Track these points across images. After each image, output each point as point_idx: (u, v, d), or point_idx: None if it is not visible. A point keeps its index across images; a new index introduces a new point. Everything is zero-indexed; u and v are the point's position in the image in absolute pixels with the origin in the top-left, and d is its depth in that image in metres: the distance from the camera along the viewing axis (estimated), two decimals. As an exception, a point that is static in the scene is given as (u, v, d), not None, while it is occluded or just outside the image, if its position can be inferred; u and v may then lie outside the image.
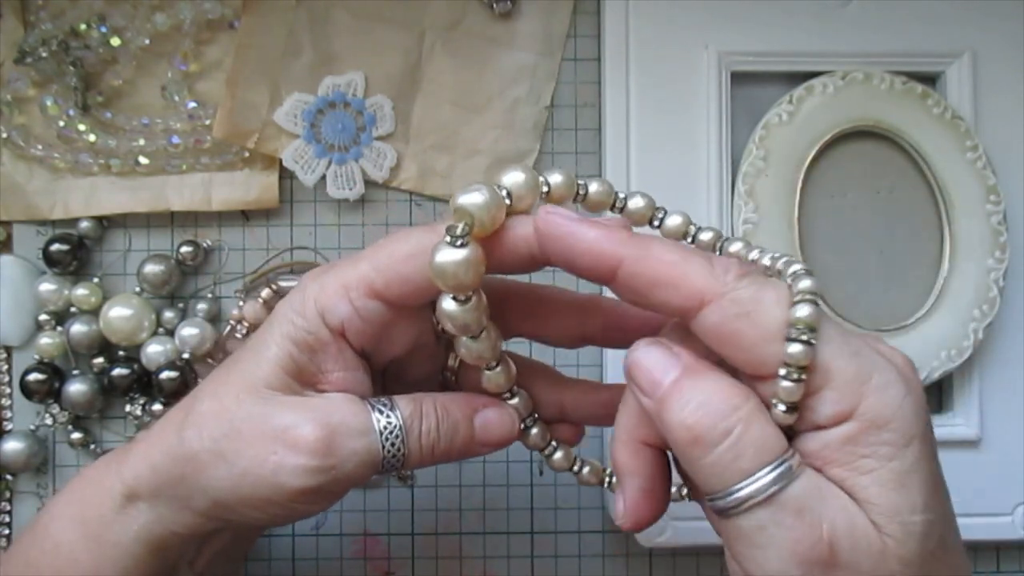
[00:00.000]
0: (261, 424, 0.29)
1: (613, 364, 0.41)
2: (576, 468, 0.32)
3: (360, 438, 0.28)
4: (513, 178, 0.27)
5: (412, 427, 0.29)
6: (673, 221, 0.29)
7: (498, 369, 0.29)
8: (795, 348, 0.24)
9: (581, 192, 0.29)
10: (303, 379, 0.29)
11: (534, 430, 0.31)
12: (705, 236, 0.29)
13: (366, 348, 0.30)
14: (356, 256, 0.30)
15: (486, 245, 0.27)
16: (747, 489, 0.24)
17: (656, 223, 0.29)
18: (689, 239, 0.29)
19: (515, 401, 0.31)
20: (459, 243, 0.26)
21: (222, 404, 0.29)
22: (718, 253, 0.29)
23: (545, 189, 0.28)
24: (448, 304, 0.27)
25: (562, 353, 0.41)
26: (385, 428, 0.29)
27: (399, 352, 0.31)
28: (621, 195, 0.29)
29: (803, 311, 0.24)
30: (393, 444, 0.29)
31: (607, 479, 0.32)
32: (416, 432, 0.29)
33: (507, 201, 0.27)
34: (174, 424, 0.30)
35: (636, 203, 0.29)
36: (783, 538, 0.24)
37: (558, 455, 0.32)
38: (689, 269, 0.25)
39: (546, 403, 0.32)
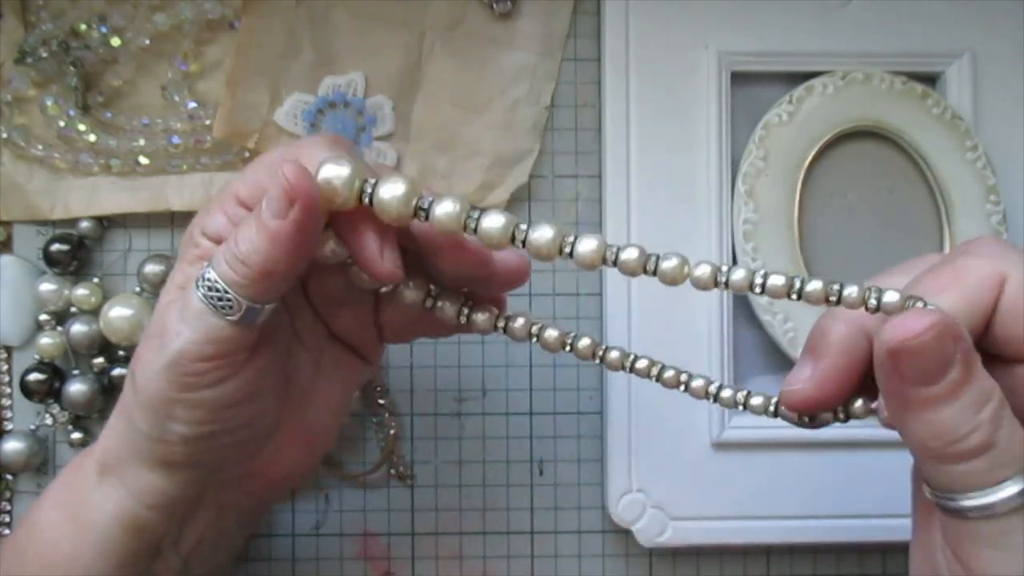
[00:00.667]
0: (146, 336, 0.29)
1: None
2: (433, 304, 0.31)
3: (189, 300, 0.28)
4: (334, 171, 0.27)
5: (222, 266, 0.28)
6: (669, 264, 0.28)
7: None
8: None
9: (567, 250, 0.28)
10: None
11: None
12: (738, 275, 0.27)
13: None
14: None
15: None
16: (998, 496, 0.23)
17: (652, 270, 0.28)
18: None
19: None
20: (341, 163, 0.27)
21: (148, 337, 0.30)
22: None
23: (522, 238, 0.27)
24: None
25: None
26: (205, 278, 0.28)
27: (320, 265, 0.30)
28: (612, 249, 0.28)
29: None
30: (216, 290, 0.28)
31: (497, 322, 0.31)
32: (230, 264, 0.28)
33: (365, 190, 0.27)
34: (128, 381, 0.31)
35: (629, 254, 0.28)
36: None
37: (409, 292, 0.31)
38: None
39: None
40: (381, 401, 0.42)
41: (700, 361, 0.40)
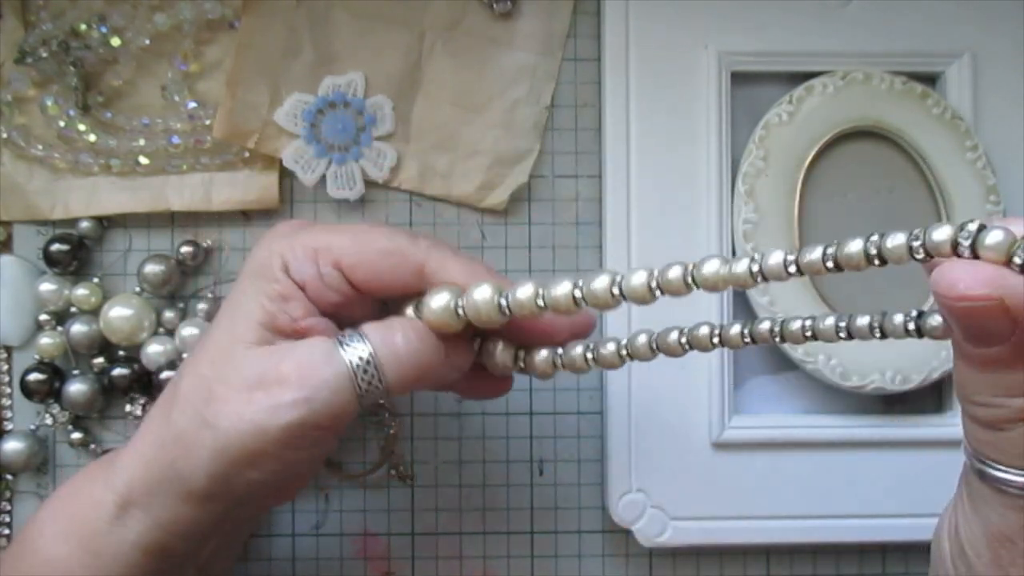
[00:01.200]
0: (235, 379, 0.29)
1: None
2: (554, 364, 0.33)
3: (327, 366, 0.29)
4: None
5: (382, 351, 0.29)
6: (674, 273, 0.28)
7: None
8: None
9: (616, 292, 0.29)
10: (277, 328, 0.30)
11: (499, 347, 0.32)
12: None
13: (328, 312, 0.31)
14: (331, 227, 0.31)
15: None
16: None
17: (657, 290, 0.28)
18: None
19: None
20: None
21: (199, 374, 0.30)
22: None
23: (540, 303, 0.29)
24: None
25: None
26: (355, 355, 0.29)
27: (367, 318, 0.31)
28: (617, 285, 0.29)
29: None
30: (366, 371, 0.29)
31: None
32: (387, 355, 0.29)
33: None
34: (162, 413, 0.30)
35: (638, 279, 0.29)
36: None
37: (535, 357, 0.33)
38: None
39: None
40: (381, 401, 0.42)
41: (700, 361, 0.40)
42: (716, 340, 0.30)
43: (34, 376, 0.41)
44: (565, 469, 0.42)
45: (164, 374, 0.40)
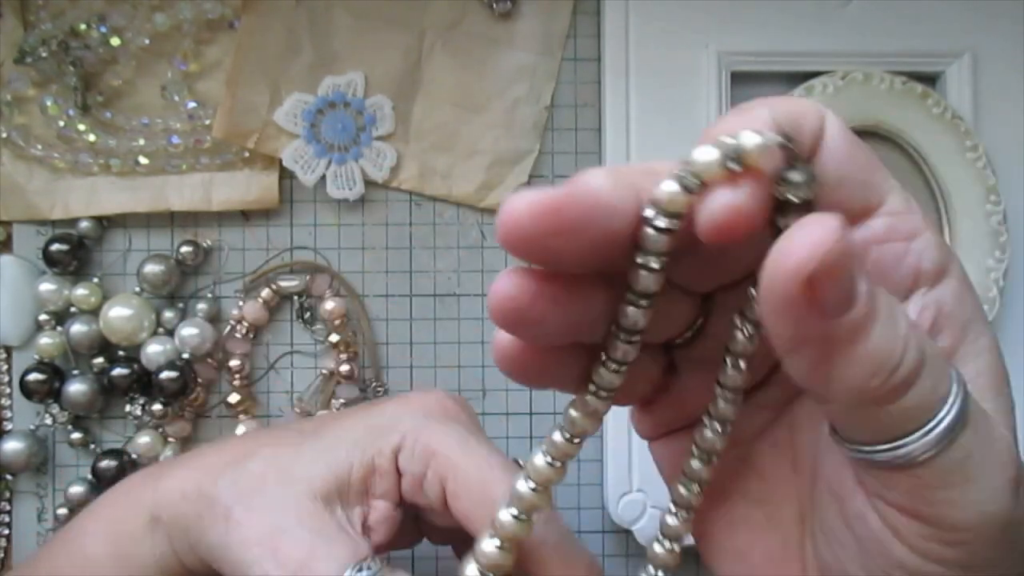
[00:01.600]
0: (265, 516, 0.29)
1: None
2: None
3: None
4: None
5: None
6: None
7: None
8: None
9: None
10: (348, 494, 0.30)
11: None
12: None
13: (407, 502, 0.31)
14: (464, 439, 0.30)
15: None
16: (951, 414, 0.18)
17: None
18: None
19: None
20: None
21: (262, 463, 0.30)
22: None
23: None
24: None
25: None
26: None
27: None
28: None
29: None
30: None
31: None
32: None
33: None
34: (224, 460, 0.31)
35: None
36: (993, 456, 0.19)
37: None
38: None
39: None
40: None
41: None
42: None
43: (34, 376, 0.40)
44: (565, 469, 0.42)
45: (164, 374, 0.40)
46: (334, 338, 0.42)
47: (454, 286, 0.43)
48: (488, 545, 0.23)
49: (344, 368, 0.42)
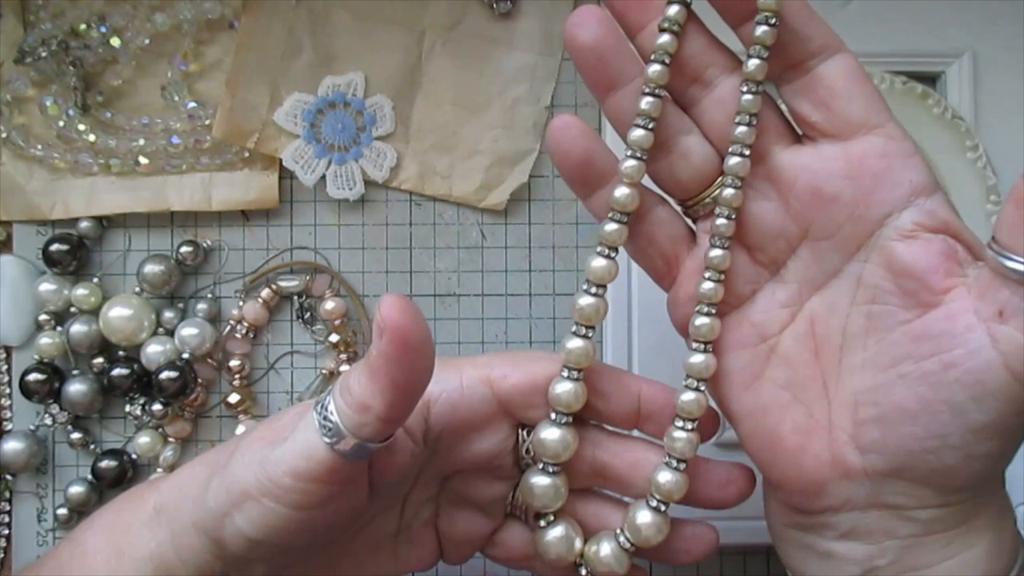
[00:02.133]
0: (260, 430, 0.29)
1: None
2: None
3: (301, 422, 0.27)
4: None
5: (340, 402, 0.27)
6: None
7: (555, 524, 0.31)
8: None
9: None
10: None
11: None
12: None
13: (446, 436, 0.30)
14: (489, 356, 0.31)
15: None
16: None
17: None
18: None
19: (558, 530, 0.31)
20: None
21: (263, 432, 0.29)
22: None
23: None
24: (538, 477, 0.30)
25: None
26: (323, 413, 0.27)
27: (473, 457, 0.31)
28: None
29: None
30: (328, 421, 0.27)
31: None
32: (344, 404, 0.27)
33: None
34: (231, 449, 0.30)
35: None
36: None
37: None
38: None
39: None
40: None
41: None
42: None
43: (34, 376, 0.40)
44: (565, 469, 0.42)
45: (164, 374, 0.40)
46: (334, 338, 0.42)
47: (454, 286, 0.43)
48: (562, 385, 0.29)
49: (344, 368, 0.42)
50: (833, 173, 0.27)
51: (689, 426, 0.29)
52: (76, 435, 0.41)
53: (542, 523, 0.31)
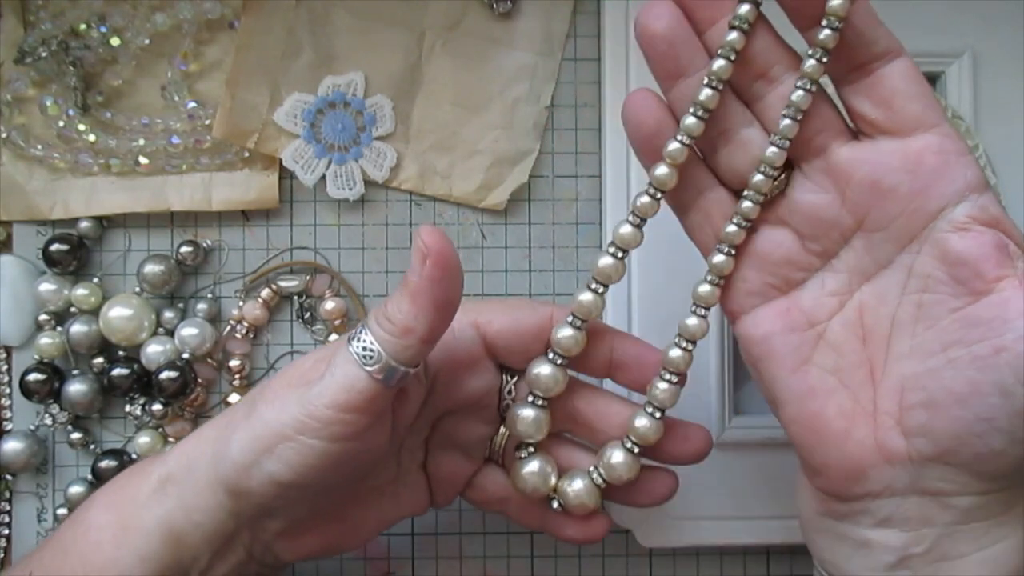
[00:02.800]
0: (284, 378, 0.31)
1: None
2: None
3: (337, 357, 0.30)
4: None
5: (377, 331, 0.30)
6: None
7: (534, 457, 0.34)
8: None
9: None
10: None
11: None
12: None
13: (441, 376, 0.33)
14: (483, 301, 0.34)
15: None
16: None
17: None
18: None
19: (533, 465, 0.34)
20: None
21: (286, 377, 0.31)
22: None
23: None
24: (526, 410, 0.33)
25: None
26: (360, 345, 0.29)
27: (463, 397, 0.34)
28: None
29: None
30: (368, 351, 0.29)
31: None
32: (384, 332, 0.30)
33: None
34: (227, 420, 0.31)
35: None
36: None
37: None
38: None
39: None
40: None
41: (700, 361, 0.40)
42: None
43: (34, 376, 0.40)
44: (565, 469, 0.42)
45: (164, 374, 0.40)
46: (334, 338, 0.42)
47: (454, 286, 0.43)
48: (565, 330, 0.33)
49: (344, 368, 0.42)
50: (892, 167, 0.28)
51: (673, 379, 0.32)
52: (76, 435, 0.41)
53: (522, 454, 0.34)
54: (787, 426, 0.30)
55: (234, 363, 0.42)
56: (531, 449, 0.34)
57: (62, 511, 0.41)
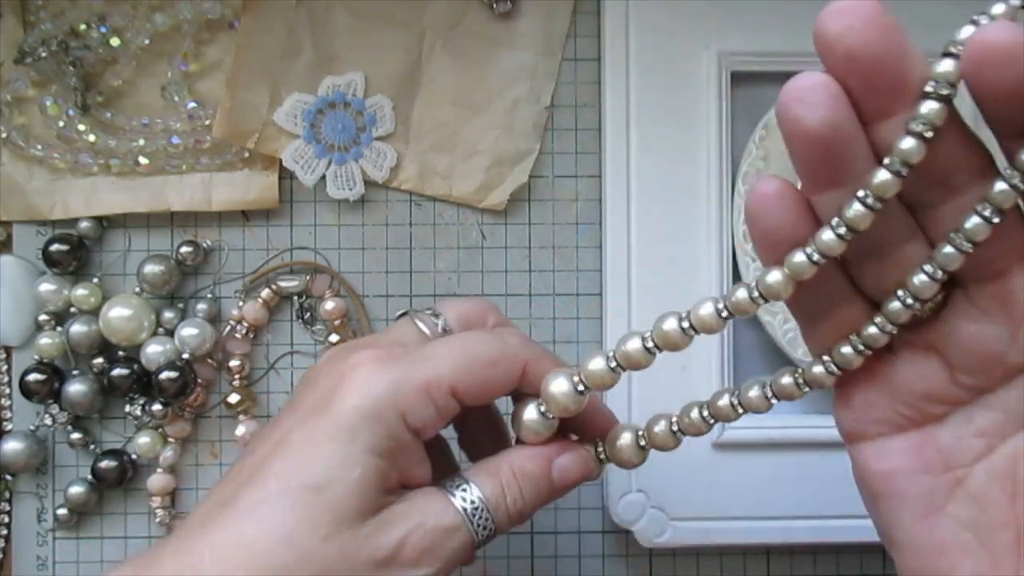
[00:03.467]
0: (359, 558, 0.26)
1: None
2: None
3: (455, 535, 0.27)
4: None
5: (498, 504, 0.28)
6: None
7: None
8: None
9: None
10: (388, 486, 0.27)
11: (602, 456, 0.31)
12: None
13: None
14: (424, 352, 0.29)
15: None
16: None
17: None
18: None
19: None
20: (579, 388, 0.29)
21: (305, 546, 0.25)
22: None
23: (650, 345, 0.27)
24: (531, 413, 0.30)
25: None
26: (473, 514, 0.28)
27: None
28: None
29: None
30: (484, 527, 0.28)
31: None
32: (503, 507, 0.29)
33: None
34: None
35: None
36: None
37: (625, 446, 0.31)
38: None
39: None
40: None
41: (700, 361, 0.40)
42: (736, 403, 0.29)
43: (34, 376, 0.40)
44: (565, 469, 0.42)
45: (164, 374, 0.40)
46: (334, 338, 0.42)
47: (454, 286, 0.43)
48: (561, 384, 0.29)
49: (344, 368, 0.42)
50: None
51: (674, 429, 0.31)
52: (76, 435, 0.41)
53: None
54: None
55: (234, 363, 0.42)
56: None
57: (62, 511, 0.41)
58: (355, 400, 0.27)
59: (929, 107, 0.21)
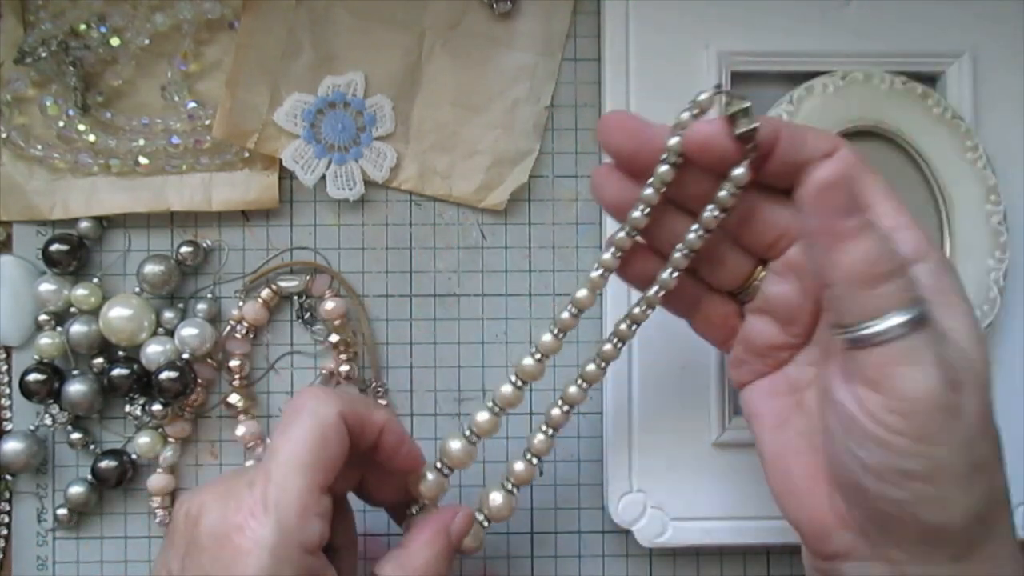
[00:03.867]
0: None
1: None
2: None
3: None
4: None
5: None
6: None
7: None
8: None
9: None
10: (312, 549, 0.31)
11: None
12: None
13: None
14: (269, 468, 0.31)
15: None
16: (912, 313, 0.27)
17: None
18: None
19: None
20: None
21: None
22: None
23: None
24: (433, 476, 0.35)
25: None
26: None
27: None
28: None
29: None
30: None
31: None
32: None
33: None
34: None
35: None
36: (940, 354, 0.27)
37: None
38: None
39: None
40: (383, 402, 0.42)
41: (700, 361, 0.40)
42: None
43: (34, 376, 0.40)
44: (565, 469, 0.42)
45: (164, 374, 0.40)
46: (334, 338, 0.42)
47: (454, 286, 0.43)
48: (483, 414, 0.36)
49: (344, 368, 0.42)
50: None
51: (531, 458, 0.36)
52: (76, 435, 0.41)
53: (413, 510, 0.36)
54: (768, 482, 0.32)
55: (234, 363, 0.42)
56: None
57: (62, 511, 0.41)
58: (257, 550, 0.29)
59: (663, 169, 0.31)
